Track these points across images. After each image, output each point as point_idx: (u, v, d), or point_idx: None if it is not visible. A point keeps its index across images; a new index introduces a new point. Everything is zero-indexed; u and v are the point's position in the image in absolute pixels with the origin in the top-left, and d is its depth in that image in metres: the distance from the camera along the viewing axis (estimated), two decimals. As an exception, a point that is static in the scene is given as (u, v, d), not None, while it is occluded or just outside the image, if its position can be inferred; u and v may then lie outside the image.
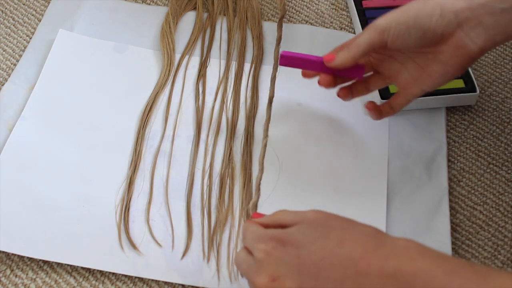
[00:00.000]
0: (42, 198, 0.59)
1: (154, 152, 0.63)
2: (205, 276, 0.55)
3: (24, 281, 0.55)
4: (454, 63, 0.53)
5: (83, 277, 0.56)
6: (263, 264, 0.43)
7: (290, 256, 0.43)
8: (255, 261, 0.44)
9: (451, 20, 0.51)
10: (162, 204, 0.60)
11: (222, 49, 0.72)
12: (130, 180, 0.60)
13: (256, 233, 0.46)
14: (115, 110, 0.66)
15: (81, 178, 0.61)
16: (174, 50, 0.71)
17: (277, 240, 0.44)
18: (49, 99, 0.66)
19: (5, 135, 0.63)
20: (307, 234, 0.43)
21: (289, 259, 0.43)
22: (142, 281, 0.56)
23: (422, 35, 0.52)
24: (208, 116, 0.66)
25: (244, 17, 0.75)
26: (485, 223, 0.61)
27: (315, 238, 0.43)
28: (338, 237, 0.43)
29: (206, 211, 0.59)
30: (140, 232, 0.58)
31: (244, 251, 0.46)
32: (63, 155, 0.62)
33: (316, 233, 0.43)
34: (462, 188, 0.63)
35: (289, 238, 0.44)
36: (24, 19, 0.74)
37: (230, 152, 0.63)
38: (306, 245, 0.43)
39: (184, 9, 0.75)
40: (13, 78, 0.68)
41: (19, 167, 0.61)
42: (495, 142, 0.66)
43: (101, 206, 0.59)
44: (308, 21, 0.76)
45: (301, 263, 0.42)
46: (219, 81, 0.69)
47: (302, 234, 0.44)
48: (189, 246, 0.57)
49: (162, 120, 0.65)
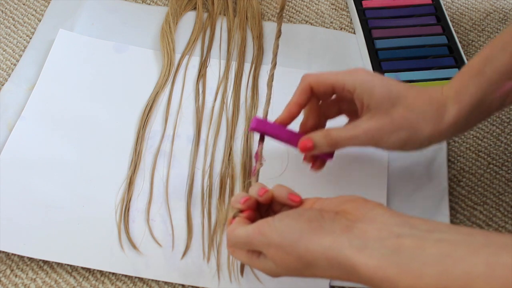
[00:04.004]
0: (42, 198, 0.59)
1: (154, 152, 0.63)
2: (205, 276, 0.55)
3: (24, 281, 0.55)
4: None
5: (83, 277, 0.56)
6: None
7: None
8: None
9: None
10: (162, 204, 0.60)
11: (222, 49, 0.72)
12: (130, 180, 0.60)
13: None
14: (115, 110, 0.66)
15: (81, 178, 0.61)
16: (174, 50, 0.71)
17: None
18: (49, 99, 0.66)
19: (5, 135, 0.63)
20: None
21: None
22: (142, 281, 0.56)
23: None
24: (208, 116, 0.66)
25: (244, 17, 0.75)
26: (485, 223, 0.61)
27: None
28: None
29: (206, 211, 0.59)
30: (140, 232, 0.58)
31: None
32: (63, 155, 0.62)
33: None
34: (462, 188, 0.63)
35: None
36: (24, 19, 0.74)
37: (230, 152, 0.63)
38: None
39: (184, 9, 0.75)
40: (13, 78, 0.68)
41: (19, 167, 0.61)
42: (495, 142, 0.66)
43: (101, 206, 0.59)
44: (308, 21, 0.76)
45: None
46: (219, 81, 0.69)
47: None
48: (189, 246, 0.57)
49: (162, 120, 0.65)
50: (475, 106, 0.51)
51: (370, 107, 0.52)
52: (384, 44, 0.71)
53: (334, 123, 0.57)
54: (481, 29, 0.76)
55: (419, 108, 0.52)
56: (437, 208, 0.60)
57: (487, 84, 0.51)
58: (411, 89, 0.53)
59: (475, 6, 0.78)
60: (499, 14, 0.78)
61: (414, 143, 0.52)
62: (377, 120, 0.52)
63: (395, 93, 0.52)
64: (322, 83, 0.54)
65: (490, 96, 0.51)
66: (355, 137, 0.52)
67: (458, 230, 0.41)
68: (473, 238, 0.39)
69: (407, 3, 0.76)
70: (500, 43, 0.52)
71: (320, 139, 0.53)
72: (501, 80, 0.51)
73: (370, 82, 0.52)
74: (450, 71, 0.68)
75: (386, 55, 0.70)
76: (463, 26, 0.76)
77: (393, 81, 0.53)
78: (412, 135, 0.52)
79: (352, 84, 0.52)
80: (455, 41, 0.71)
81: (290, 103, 0.54)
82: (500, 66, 0.51)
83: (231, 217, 0.50)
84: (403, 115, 0.51)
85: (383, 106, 0.52)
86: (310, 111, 0.56)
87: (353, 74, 0.53)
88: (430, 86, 0.54)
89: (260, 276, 0.55)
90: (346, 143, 0.53)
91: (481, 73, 0.51)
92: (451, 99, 0.52)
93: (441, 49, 0.71)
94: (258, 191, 0.49)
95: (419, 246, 0.40)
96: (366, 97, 0.52)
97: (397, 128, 0.52)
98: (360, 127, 0.52)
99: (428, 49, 0.71)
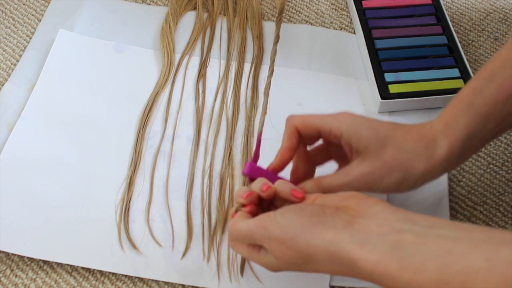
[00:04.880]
0: (42, 198, 0.59)
1: (154, 152, 0.63)
2: (205, 276, 0.55)
3: (24, 281, 0.55)
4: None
5: (83, 277, 0.56)
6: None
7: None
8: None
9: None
10: (162, 204, 0.60)
11: (222, 49, 0.72)
12: (130, 180, 0.60)
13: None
14: (115, 110, 0.66)
15: (81, 178, 0.61)
16: (174, 50, 0.71)
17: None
18: (49, 99, 0.66)
19: (5, 135, 0.63)
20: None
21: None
22: (142, 281, 0.56)
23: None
24: (208, 116, 0.66)
25: (244, 17, 0.75)
26: (485, 223, 0.61)
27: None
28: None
29: (206, 211, 0.59)
30: (140, 232, 0.58)
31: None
32: (63, 155, 0.62)
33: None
34: (462, 188, 0.63)
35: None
36: (24, 19, 0.74)
37: (230, 152, 0.63)
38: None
39: (184, 9, 0.75)
40: (13, 78, 0.68)
41: (19, 167, 0.61)
42: (495, 142, 0.66)
43: (101, 206, 0.59)
44: (308, 21, 0.76)
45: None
46: (219, 81, 0.69)
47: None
48: (189, 246, 0.57)
49: (162, 120, 0.65)
50: (466, 139, 0.50)
51: (359, 150, 0.51)
52: (384, 44, 0.71)
53: (324, 169, 0.56)
54: (481, 29, 0.76)
55: (409, 147, 0.50)
56: (437, 208, 0.60)
57: (477, 117, 0.50)
58: (399, 128, 0.52)
59: (475, 6, 0.78)
60: (499, 14, 0.78)
61: (408, 183, 0.51)
62: (368, 164, 0.50)
63: (382, 134, 0.51)
64: (308, 126, 0.52)
65: (482, 129, 0.50)
66: (347, 184, 0.51)
67: (459, 226, 0.41)
68: (473, 234, 0.39)
69: (407, 3, 0.76)
70: (487, 73, 0.51)
71: (311, 189, 0.52)
72: (491, 112, 0.50)
73: (356, 125, 0.51)
74: (450, 71, 0.68)
75: (386, 55, 0.70)
76: (463, 26, 0.76)
77: (379, 122, 0.52)
78: (405, 175, 0.50)
79: (339, 129, 0.51)
80: (455, 41, 0.71)
81: (281, 149, 0.53)
82: (488, 97, 0.50)
83: (233, 211, 0.50)
84: (394, 156, 0.50)
85: (372, 148, 0.50)
86: (299, 159, 0.55)
87: (339, 119, 0.52)
88: (418, 124, 0.53)
89: (260, 275, 0.55)
90: (338, 190, 0.50)
91: (470, 105, 0.50)
92: (440, 133, 0.51)
93: (441, 49, 0.71)
94: (261, 187, 0.49)
95: (420, 242, 0.40)
96: (354, 141, 0.51)
97: (389, 170, 0.50)
98: (351, 173, 0.51)
99: (428, 49, 0.71)
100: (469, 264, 0.37)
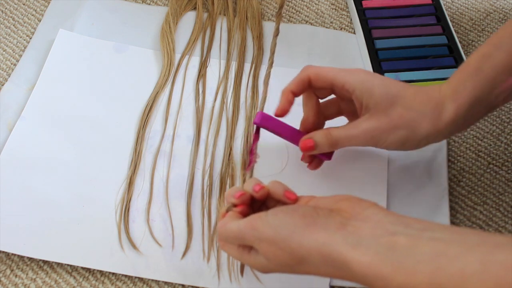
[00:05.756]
0: (42, 198, 0.59)
1: (154, 152, 0.63)
2: (205, 276, 0.55)
3: (24, 281, 0.55)
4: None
5: (83, 277, 0.56)
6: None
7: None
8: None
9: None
10: (162, 204, 0.60)
11: (222, 49, 0.72)
12: (130, 180, 0.60)
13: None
14: (115, 110, 0.66)
15: (81, 178, 0.61)
16: (174, 50, 0.71)
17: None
18: (49, 99, 0.66)
19: (5, 135, 0.63)
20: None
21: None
22: (142, 281, 0.56)
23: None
24: (208, 116, 0.66)
25: (244, 17, 0.75)
26: (485, 223, 0.61)
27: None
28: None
29: (206, 211, 0.59)
30: (140, 232, 0.58)
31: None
32: (63, 155, 0.62)
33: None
34: (462, 188, 0.63)
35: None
36: (24, 19, 0.74)
37: (230, 152, 0.63)
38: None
39: (184, 9, 0.75)
40: (13, 78, 0.68)
41: (19, 167, 0.61)
42: (495, 142, 0.66)
43: (101, 206, 0.59)
44: (308, 21, 0.76)
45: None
46: (219, 81, 0.69)
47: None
48: (189, 246, 0.57)
49: (162, 120, 0.65)
50: (473, 104, 0.51)
51: (369, 106, 0.53)
52: (384, 44, 0.71)
53: (333, 124, 0.58)
54: (481, 29, 0.76)
55: (417, 107, 0.52)
56: (437, 208, 0.60)
57: (485, 82, 0.51)
58: (409, 88, 0.53)
59: (475, 6, 0.78)
60: (499, 14, 0.78)
61: (412, 142, 0.53)
62: (376, 120, 0.52)
63: (393, 93, 0.52)
64: (321, 78, 0.54)
65: (489, 94, 0.51)
66: (354, 137, 0.53)
67: (452, 229, 0.41)
68: (467, 237, 0.39)
69: (407, 3, 0.76)
70: (496, 40, 0.52)
71: (321, 138, 0.54)
72: (499, 77, 0.51)
73: (370, 82, 0.53)
74: (450, 71, 0.68)
75: (386, 55, 0.70)
76: (463, 26, 0.76)
77: (392, 80, 0.54)
78: (410, 134, 0.52)
79: (352, 84, 0.53)
80: (455, 41, 0.71)
81: (285, 89, 0.55)
82: (497, 63, 0.51)
83: (224, 211, 0.50)
84: (401, 114, 0.52)
85: (381, 105, 0.52)
86: (310, 109, 0.57)
87: (353, 74, 0.53)
88: (428, 86, 0.54)
89: (260, 276, 0.55)
90: (346, 143, 0.54)
91: (478, 70, 0.51)
92: (448, 97, 0.52)
93: (441, 49, 0.71)
94: (254, 187, 0.49)
95: (413, 244, 0.40)
96: (365, 97, 0.52)
97: (396, 127, 0.52)
98: (359, 126, 0.53)
99: (428, 49, 0.71)
100: (463, 266, 0.37)
